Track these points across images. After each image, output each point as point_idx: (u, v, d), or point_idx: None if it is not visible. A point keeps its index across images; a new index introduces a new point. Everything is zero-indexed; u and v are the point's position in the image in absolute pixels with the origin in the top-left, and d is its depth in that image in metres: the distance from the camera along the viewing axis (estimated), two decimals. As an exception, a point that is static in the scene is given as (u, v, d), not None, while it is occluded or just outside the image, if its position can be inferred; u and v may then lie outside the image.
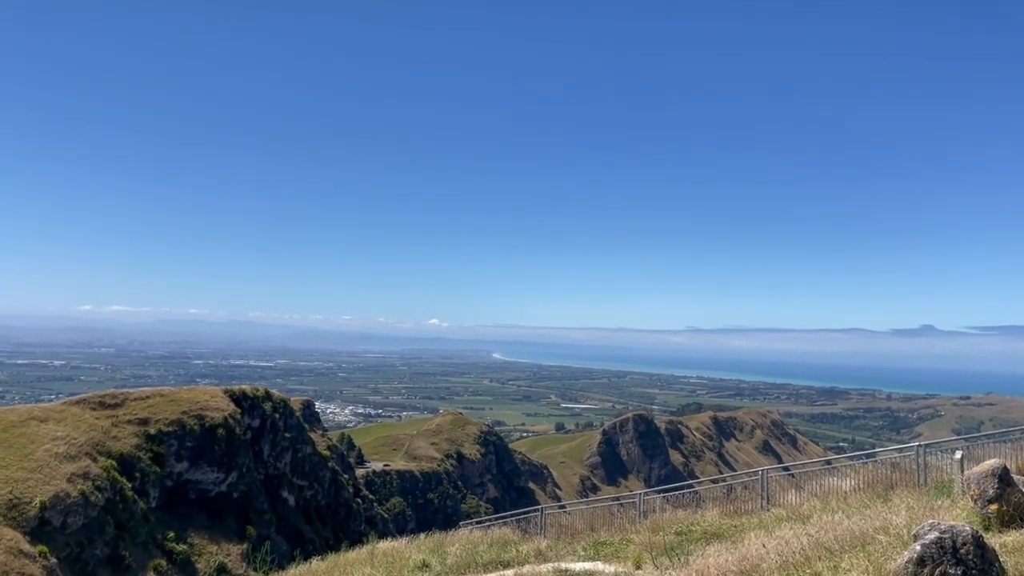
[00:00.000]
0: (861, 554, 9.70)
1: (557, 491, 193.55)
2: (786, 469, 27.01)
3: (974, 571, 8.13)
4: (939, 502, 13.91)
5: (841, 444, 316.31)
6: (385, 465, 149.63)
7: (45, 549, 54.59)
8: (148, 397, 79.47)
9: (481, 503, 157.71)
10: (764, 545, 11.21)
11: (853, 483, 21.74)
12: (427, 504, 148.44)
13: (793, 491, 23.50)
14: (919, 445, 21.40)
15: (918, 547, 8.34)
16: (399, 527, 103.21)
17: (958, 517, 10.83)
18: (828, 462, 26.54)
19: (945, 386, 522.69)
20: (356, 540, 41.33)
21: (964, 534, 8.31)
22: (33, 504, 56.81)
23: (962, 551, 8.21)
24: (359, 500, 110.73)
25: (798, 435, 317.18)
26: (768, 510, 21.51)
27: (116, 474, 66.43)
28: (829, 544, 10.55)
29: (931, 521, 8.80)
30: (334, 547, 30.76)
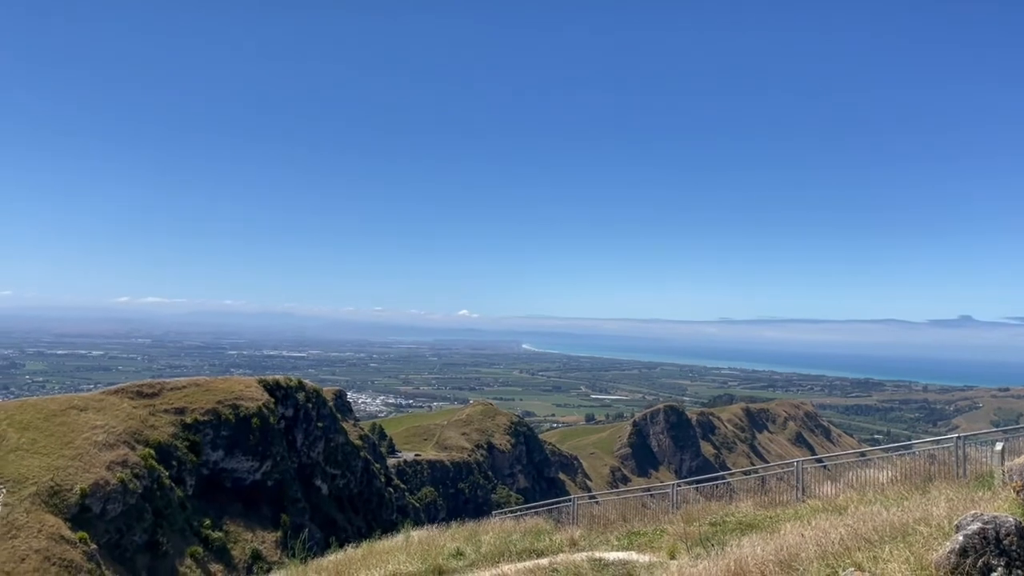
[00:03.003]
0: (901, 544, 9.60)
1: (587, 482, 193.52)
2: (820, 461, 26.78)
3: (1017, 562, 8.02)
4: (979, 494, 13.70)
5: (876, 436, 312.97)
6: (416, 455, 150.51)
7: (85, 535, 55.75)
8: (184, 387, 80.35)
9: (511, 493, 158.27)
10: (802, 535, 11.15)
11: (890, 475, 21.49)
12: (458, 494, 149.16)
13: (828, 483, 23.29)
14: (958, 437, 21.05)
15: (960, 537, 8.24)
16: (430, 516, 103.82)
17: (999, 509, 10.65)
18: (863, 454, 26.22)
19: (983, 378, 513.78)
20: (388, 528, 41.70)
21: (1008, 525, 8.19)
22: (74, 491, 58.02)
23: (1005, 542, 8.10)
24: (391, 489, 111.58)
25: (832, 427, 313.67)
26: (803, 501, 21.35)
27: (154, 462, 67.54)
28: (868, 535, 10.45)
29: (973, 512, 8.69)
30: (367, 535, 31.10)
